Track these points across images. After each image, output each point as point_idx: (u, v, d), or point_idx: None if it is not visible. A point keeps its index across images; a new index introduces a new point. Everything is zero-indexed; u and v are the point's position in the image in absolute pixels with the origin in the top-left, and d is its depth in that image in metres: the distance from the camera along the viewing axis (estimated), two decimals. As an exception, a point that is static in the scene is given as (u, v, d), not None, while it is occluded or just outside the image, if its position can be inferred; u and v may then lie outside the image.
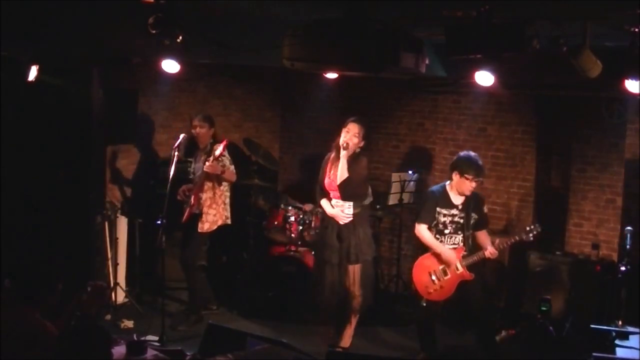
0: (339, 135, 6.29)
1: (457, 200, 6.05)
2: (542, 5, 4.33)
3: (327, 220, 6.43)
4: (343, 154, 6.20)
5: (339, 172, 6.22)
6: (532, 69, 5.90)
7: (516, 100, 7.75)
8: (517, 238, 6.11)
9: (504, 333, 6.83)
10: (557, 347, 6.46)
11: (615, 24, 4.67)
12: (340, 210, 6.30)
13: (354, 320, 6.51)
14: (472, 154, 6.13)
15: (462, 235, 6.04)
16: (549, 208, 7.62)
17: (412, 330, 6.48)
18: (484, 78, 5.69)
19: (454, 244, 6.05)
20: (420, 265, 6.18)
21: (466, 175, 5.93)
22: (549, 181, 7.65)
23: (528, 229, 6.03)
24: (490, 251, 5.96)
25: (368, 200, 6.51)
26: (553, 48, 4.77)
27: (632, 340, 5.44)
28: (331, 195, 6.36)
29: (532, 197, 7.72)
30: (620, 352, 5.26)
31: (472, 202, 6.05)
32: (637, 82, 5.19)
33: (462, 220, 6.03)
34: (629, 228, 6.25)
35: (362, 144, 6.30)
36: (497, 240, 6.10)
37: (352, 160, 6.27)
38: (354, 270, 6.37)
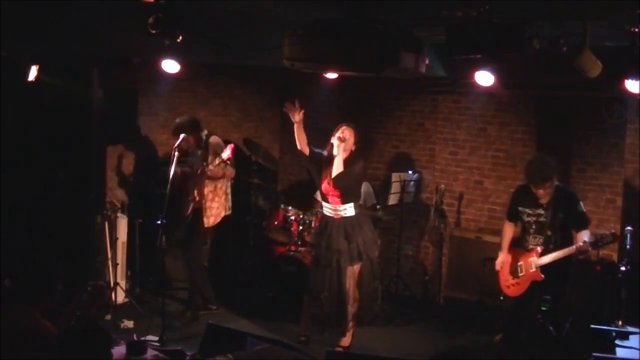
0: (330, 142, 6.30)
1: (544, 198, 5.88)
2: (542, 5, 4.33)
3: (331, 224, 6.33)
4: (337, 143, 6.18)
5: (334, 166, 6.21)
6: (532, 69, 5.89)
7: (516, 100, 7.74)
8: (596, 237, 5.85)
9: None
10: (557, 347, 6.45)
11: (615, 24, 4.67)
12: (342, 213, 6.29)
13: (354, 317, 6.52)
14: (537, 158, 5.96)
15: (543, 235, 5.91)
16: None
17: (412, 330, 6.48)
18: (484, 78, 5.69)
19: (536, 244, 5.95)
20: (507, 256, 6.17)
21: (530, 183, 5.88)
22: (549, 181, 7.63)
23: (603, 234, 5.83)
24: (574, 248, 5.73)
25: (370, 202, 6.47)
26: (553, 48, 4.77)
27: (632, 340, 5.42)
28: (330, 200, 6.33)
29: (532, 197, 7.72)
30: (620, 352, 5.24)
31: (560, 201, 5.88)
32: (637, 82, 5.20)
33: (546, 220, 5.88)
34: (629, 228, 6.23)
35: (354, 147, 6.30)
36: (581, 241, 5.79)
37: (350, 160, 6.27)
38: (356, 269, 6.37)
